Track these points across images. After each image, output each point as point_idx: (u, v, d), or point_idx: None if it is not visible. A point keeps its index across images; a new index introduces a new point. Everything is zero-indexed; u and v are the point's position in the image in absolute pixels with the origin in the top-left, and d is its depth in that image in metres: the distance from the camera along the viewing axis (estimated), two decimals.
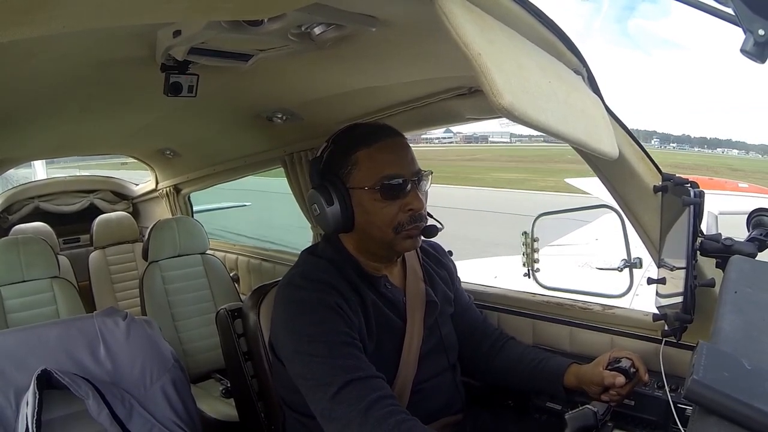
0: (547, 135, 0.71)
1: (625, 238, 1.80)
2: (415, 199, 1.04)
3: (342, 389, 0.91)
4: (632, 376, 1.04)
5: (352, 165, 1.05)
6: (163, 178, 3.10)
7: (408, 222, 1.04)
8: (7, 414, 1.06)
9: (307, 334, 0.97)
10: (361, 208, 1.05)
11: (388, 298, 1.11)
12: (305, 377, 0.96)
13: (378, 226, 1.04)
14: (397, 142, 1.07)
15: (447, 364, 1.17)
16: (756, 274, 0.75)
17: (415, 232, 1.06)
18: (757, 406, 0.43)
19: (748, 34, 0.62)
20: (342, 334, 0.97)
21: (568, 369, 1.14)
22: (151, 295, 2.33)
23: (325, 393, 0.92)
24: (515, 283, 1.80)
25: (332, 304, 0.99)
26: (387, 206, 1.03)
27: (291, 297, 1.03)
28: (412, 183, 1.04)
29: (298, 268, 1.09)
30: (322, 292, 1.00)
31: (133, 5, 0.57)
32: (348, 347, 0.97)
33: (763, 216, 1.04)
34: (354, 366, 0.94)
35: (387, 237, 1.05)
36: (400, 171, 1.04)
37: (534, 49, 0.83)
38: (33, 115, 1.62)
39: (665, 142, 59.44)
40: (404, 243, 1.06)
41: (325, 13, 0.84)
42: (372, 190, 1.03)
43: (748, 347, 0.54)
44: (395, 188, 1.03)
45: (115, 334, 1.20)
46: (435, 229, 1.10)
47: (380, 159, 1.04)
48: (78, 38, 0.93)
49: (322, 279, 1.03)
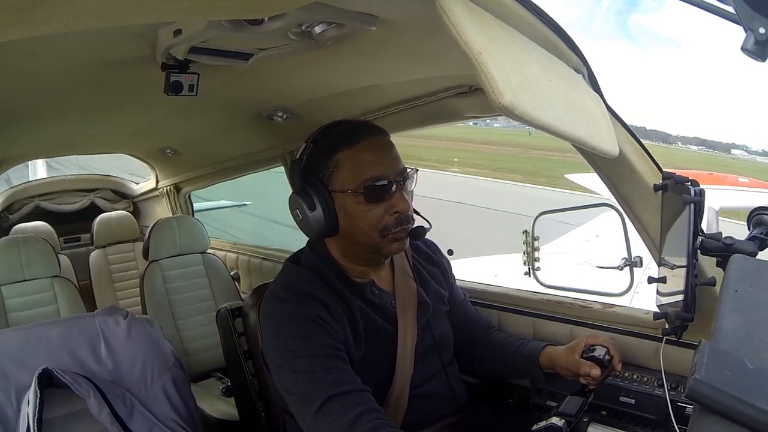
0: (548, 133, 0.71)
1: (625, 236, 1.80)
2: (400, 201, 1.01)
3: (324, 404, 0.90)
4: (607, 365, 1.05)
5: (334, 167, 1.01)
6: (164, 177, 3.10)
7: (394, 225, 1.02)
8: (9, 413, 1.06)
9: (290, 349, 0.96)
10: (344, 212, 1.02)
11: (375, 304, 1.09)
12: (290, 392, 0.96)
13: (363, 230, 1.02)
14: (380, 140, 1.04)
15: (440, 364, 1.16)
16: (757, 273, 0.75)
17: (402, 235, 1.03)
18: (760, 406, 0.43)
19: (749, 33, 0.62)
20: (326, 346, 0.96)
21: (542, 351, 1.15)
22: (151, 294, 2.33)
23: (309, 409, 0.91)
24: (516, 281, 1.80)
25: (314, 317, 0.97)
26: (371, 209, 1.00)
27: (273, 311, 1.02)
28: (396, 184, 1.01)
29: (281, 280, 1.07)
30: (304, 305, 0.99)
31: (133, 5, 0.57)
32: (332, 360, 0.95)
33: (763, 214, 1.04)
34: (338, 380, 0.93)
35: (373, 241, 1.02)
36: (383, 172, 1.01)
37: (534, 48, 0.83)
38: (33, 115, 1.61)
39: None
40: (391, 246, 1.04)
41: (326, 12, 0.84)
42: (355, 194, 1.00)
43: (749, 346, 0.54)
44: (379, 190, 1.00)
45: (116, 333, 1.20)
46: (423, 231, 1.07)
47: (363, 160, 1.01)
48: (78, 37, 0.93)
49: (304, 291, 1.01)
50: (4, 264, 2.14)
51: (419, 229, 1.06)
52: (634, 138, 1.08)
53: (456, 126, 13.94)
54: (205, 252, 2.55)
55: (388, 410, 1.05)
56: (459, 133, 26.73)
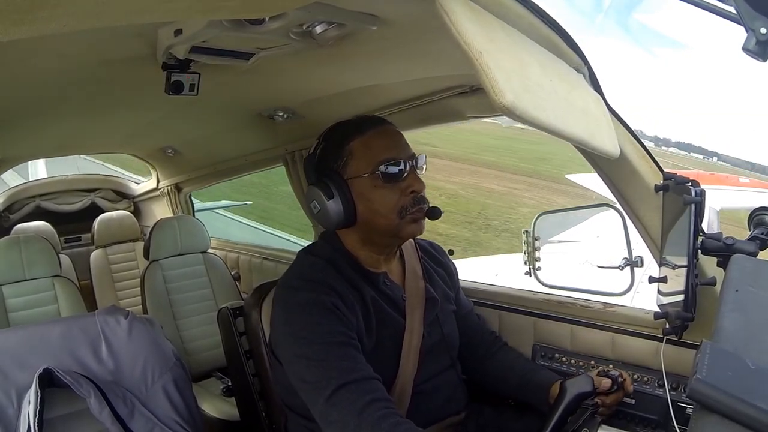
0: (548, 134, 0.71)
1: (626, 236, 1.80)
2: (415, 181, 1.04)
3: (336, 392, 0.91)
4: (620, 385, 1.06)
5: (348, 156, 1.04)
6: (164, 177, 3.10)
7: (411, 204, 1.04)
8: (9, 413, 1.06)
9: (304, 336, 0.97)
10: (362, 197, 1.04)
11: (387, 295, 1.10)
12: (303, 380, 0.97)
13: (382, 213, 1.04)
14: (389, 128, 1.08)
15: (449, 361, 1.17)
16: (757, 273, 0.75)
17: (420, 215, 1.05)
18: (762, 407, 0.42)
19: (750, 33, 0.62)
20: (339, 334, 0.97)
21: (553, 384, 1.13)
22: (152, 294, 2.33)
23: (321, 396, 0.92)
24: (516, 280, 1.80)
25: (328, 304, 0.98)
26: (389, 191, 1.03)
27: (287, 299, 1.02)
28: (410, 165, 1.04)
29: (295, 269, 1.09)
30: (319, 292, 1.00)
31: (134, 4, 0.57)
32: (345, 348, 0.96)
33: (764, 215, 1.04)
34: (349, 368, 0.94)
35: (392, 223, 1.04)
36: (396, 155, 1.04)
37: (535, 48, 0.82)
38: (33, 114, 1.61)
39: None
40: (409, 227, 1.05)
41: (327, 11, 0.84)
42: (372, 176, 1.03)
43: (750, 346, 0.54)
44: (394, 172, 1.03)
45: (117, 333, 1.20)
46: (439, 212, 1.09)
47: (375, 145, 1.04)
48: (79, 37, 0.93)
49: (319, 278, 1.02)
50: (4, 263, 2.14)
51: (435, 209, 1.08)
52: (635, 138, 1.08)
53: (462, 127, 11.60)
54: (205, 252, 2.55)
55: None
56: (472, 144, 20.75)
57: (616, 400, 1.08)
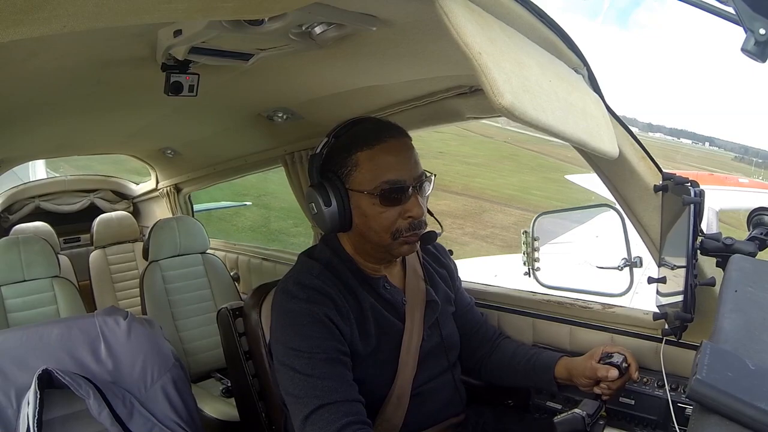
0: (548, 134, 0.71)
1: (625, 237, 1.80)
2: (415, 206, 1.02)
3: (315, 411, 0.93)
4: (624, 371, 1.05)
5: (353, 166, 1.02)
6: (164, 178, 3.11)
7: (407, 229, 1.02)
8: (8, 413, 1.06)
9: (292, 347, 0.98)
10: (359, 210, 1.03)
11: (387, 300, 1.10)
12: (287, 390, 0.98)
13: (375, 230, 1.03)
14: (401, 143, 1.04)
15: (447, 364, 1.17)
16: (756, 273, 0.75)
17: (413, 239, 1.04)
18: (762, 407, 0.42)
19: (749, 33, 0.62)
20: (328, 349, 0.97)
21: (558, 362, 1.14)
22: (151, 295, 2.33)
23: (301, 412, 0.94)
24: (515, 281, 1.80)
25: (321, 316, 0.98)
26: (386, 212, 1.01)
27: (283, 306, 1.03)
28: (413, 188, 1.02)
29: (293, 273, 1.09)
30: (312, 302, 1.00)
31: (133, 5, 0.57)
32: (331, 365, 0.97)
33: (763, 215, 1.04)
34: (332, 388, 0.95)
35: (384, 242, 1.04)
36: (401, 176, 1.01)
37: (534, 48, 0.83)
38: (33, 115, 1.61)
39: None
40: (401, 248, 1.05)
41: (326, 12, 0.84)
42: (371, 195, 1.00)
43: (749, 346, 0.54)
44: (395, 194, 1.00)
45: (116, 334, 1.20)
46: (434, 236, 1.09)
47: (382, 162, 1.01)
48: (78, 38, 0.93)
49: (315, 286, 1.02)
50: (4, 264, 2.14)
51: (431, 234, 1.08)
52: (634, 139, 1.09)
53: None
54: (204, 252, 2.55)
55: (389, 408, 1.06)
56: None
57: (623, 384, 1.07)
